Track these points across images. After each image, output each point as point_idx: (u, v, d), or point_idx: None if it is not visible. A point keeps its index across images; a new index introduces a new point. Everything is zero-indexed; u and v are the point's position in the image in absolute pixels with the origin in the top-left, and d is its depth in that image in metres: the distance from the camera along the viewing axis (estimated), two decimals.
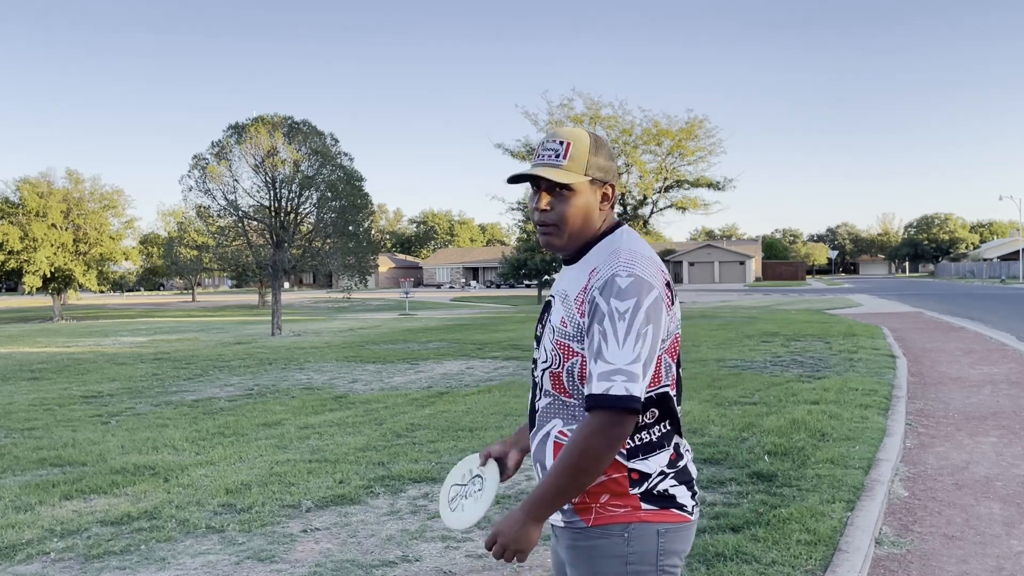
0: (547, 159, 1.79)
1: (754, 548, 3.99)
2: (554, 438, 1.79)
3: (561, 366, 1.77)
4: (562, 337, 1.76)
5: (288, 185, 22.15)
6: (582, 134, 1.81)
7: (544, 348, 1.81)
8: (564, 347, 1.75)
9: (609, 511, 1.74)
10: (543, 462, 1.82)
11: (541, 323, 1.88)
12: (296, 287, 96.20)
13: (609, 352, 1.65)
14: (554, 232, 1.80)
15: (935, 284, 59.90)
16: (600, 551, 1.73)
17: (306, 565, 3.97)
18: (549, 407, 1.81)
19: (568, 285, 1.80)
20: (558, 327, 1.77)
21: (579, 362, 1.74)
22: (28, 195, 34.69)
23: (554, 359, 1.78)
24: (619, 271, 1.70)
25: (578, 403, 1.76)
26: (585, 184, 1.78)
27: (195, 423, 7.94)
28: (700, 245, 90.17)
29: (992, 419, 7.57)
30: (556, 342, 1.77)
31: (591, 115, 30.34)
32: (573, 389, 1.76)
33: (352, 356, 14.44)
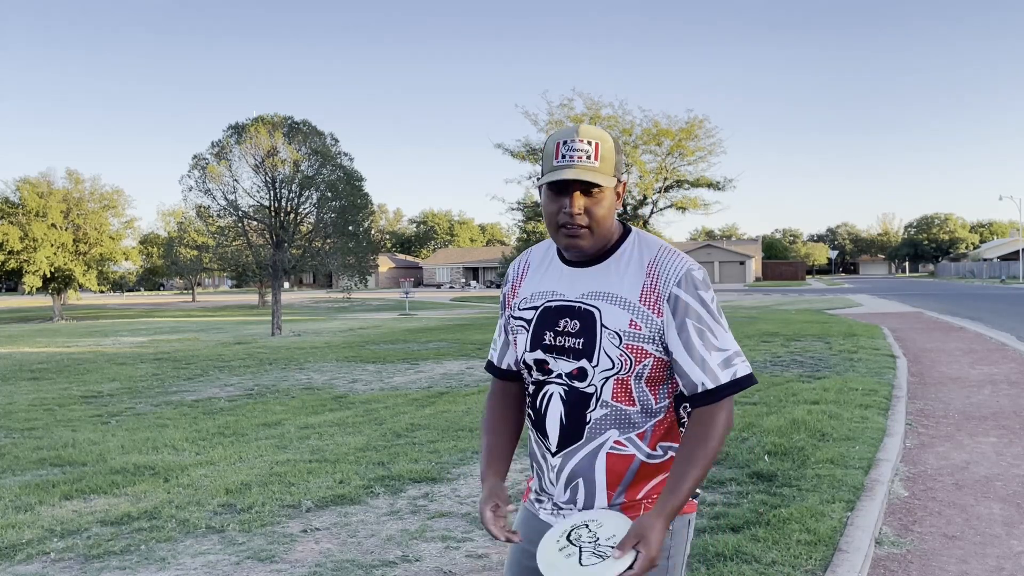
0: (579, 160, 1.71)
1: (754, 548, 3.99)
2: (608, 449, 1.76)
3: (631, 370, 1.73)
4: (634, 340, 1.72)
5: (288, 185, 22.16)
6: (606, 134, 1.76)
7: (606, 355, 1.73)
8: (637, 350, 1.72)
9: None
10: (589, 476, 1.77)
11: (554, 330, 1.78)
12: (296, 287, 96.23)
13: (718, 340, 1.72)
14: (585, 235, 1.74)
15: (935, 284, 59.91)
16: None
17: (306, 565, 3.97)
18: (605, 419, 1.75)
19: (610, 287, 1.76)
20: (628, 331, 1.72)
21: (651, 363, 1.74)
22: (28, 195, 34.69)
23: (623, 364, 1.72)
24: (691, 265, 1.74)
25: (638, 410, 1.75)
26: (613, 185, 1.75)
27: (195, 423, 7.94)
28: (700, 245, 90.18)
29: (992, 419, 7.57)
30: (627, 347, 1.72)
31: (591, 115, 30.35)
32: (639, 394, 1.75)
33: (352, 356, 14.45)
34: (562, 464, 1.80)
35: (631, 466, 1.76)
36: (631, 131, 30.74)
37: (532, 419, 1.87)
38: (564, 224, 1.73)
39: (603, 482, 1.77)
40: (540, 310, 1.83)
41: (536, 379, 1.84)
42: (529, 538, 1.87)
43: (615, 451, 1.75)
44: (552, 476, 1.82)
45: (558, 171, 1.70)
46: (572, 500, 1.80)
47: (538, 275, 1.88)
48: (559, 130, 1.76)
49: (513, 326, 1.90)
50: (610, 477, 1.76)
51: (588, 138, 1.72)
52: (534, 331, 1.82)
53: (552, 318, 1.80)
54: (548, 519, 1.85)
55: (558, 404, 1.80)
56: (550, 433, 1.81)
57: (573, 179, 1.69)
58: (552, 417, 1.80)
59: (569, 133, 1.73)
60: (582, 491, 1.78)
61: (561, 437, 1.79)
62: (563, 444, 1.79)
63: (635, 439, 1.76)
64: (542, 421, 1.83)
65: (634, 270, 1.76)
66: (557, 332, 1.78)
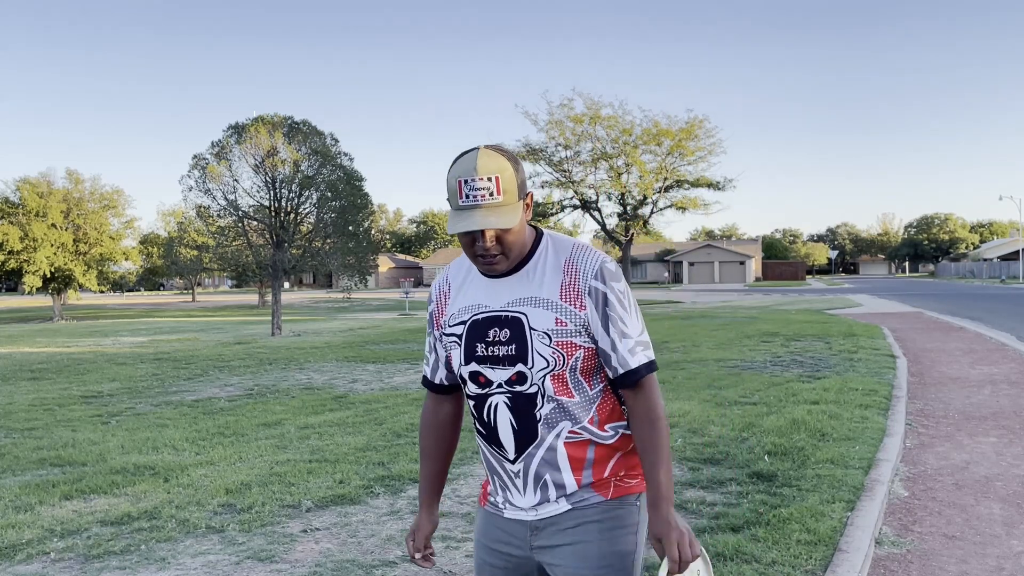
0: (483, 199, 1.72)
1: (754, 548, 4.00)
2: (564, 439, 1.81)
3: (565, 365, 1.79)
4: (562, 336, 1.78)
5: (288, 185, 22.14)
6: (502, 161, 1.75)
7: (540, 355, 1.79)
8: (567, 345, 1.78)
9: (626, 483, 1.85)
10: (555, 468, 1.82)
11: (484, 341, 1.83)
12: (296, 287, 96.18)
13: (630, 328, 1.81)
14: (501, 260, 1.79)
15: (935, 284, 59.90)
16: (619, 521, 1.83)
17: (306, 565, 3.97)
18: (553, 413, 1.81)
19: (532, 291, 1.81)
20: (555, 329, 1.78)
21: (582, 355, 1.80)
22: (28, 195, 34.67)
23: (557, 360, 1.79)
24: (603, 259, 1.84)
25: (579, 400, 1.82)
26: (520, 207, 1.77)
27: (195, 423, 7.94)
28: (700, 245, 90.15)
29: (992, 419, 7.57)
30: (557, 343, 1.78)
31: (591, 115, 30.33)
32: (575, 385, 1.81)
33: (352, 356, 14.45)
34: (524, 468, 1.84)
35: (589, 448, 1.82)
36: (631, 131, 30.72)
37: (482, 433, 1.89)
38: (480, 255, 1.78)
39: (568, 468, 1.82)
40: (468, 324, 1.86)
41: (475, 393, 1.87)
42: (495, 537, 1.93)
43: (571, 439, 1.81)
44: (518, 483, 1.85)
45: (465, 216, 1.73)
46: (545, 499, 1.84)
47: (462, 290, 1.92)
48: (459, 161, 1.75)
49: (446, 343, 1.93)
50: (573, 463, 1.82)
51: (487, 174, 1.72)
52: (466, 344, 1.86)
53: (482, 329, 1.84)
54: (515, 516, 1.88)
55: (505, 412, 1.83)
56: (505, 442, 1.84)
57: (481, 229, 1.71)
58: (503, 426, 1.83)
59: (468, 171, 1.72)
60: (551, 487, 1.83)
61: (517, 443, 1.83)
62: (520, 449, 1.83)
63: (587, 426, 1.82)
64: (494, 433, 1.85)
65: (552, 271, 1.82)
66: (488, 343, 1.83)
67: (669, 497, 1.76)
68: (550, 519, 1.84)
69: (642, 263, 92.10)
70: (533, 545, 1.87)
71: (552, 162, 31.01)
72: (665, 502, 1.75)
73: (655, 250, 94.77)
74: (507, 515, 1.90)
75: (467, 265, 1.95)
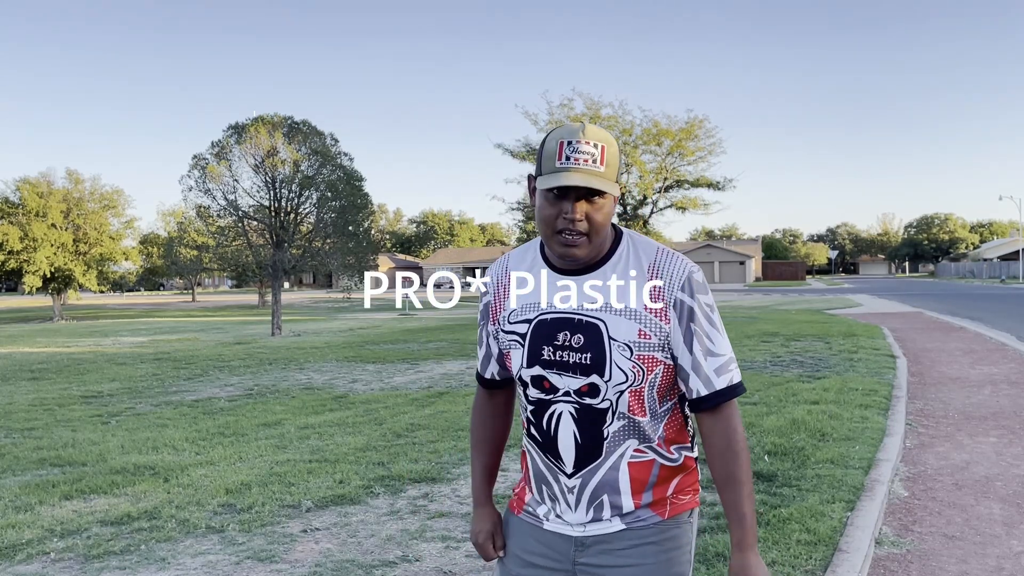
0: (584, 164, 1.59)
1: None
2: (629, 458, 1.71)
3: (644, 381, 1.67)
4: (645, 350, 1.66)
5: (288, 185, 22.14)
6: (611, 137, 1.64)
7: (619, 368, 1.65)
8: (648, 360, 1.66)
9: (680, 499, 1.77)
10: (614, 488, 1.72)
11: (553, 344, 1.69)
12: (296, 287, 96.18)
13: (716, 345, 1.69)
14: (583, 243, 1.64)
15: (935, 284, 59.90)
16: (676, 542, 1.75)
17: (306, 565, 3.97)
18: (622, 430, 1.69)
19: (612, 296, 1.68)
20: (638, 341, 1.65)
21: (662, 371, 1.69)
22: (28, 195, 34.66)
23: (636, 376, 1.66)
24: (691, 268, 1.68)
25: (649, 419, 1.71)
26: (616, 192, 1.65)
27: (195, 423, 7.94)
28: (700, 245, 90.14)
29: (992, 419, 7.57)
30: (639, 357, 1.65)
31: (591, 115, 30.36)
32: (651, 404, 1.71)
33: (352, 356, 14.44)
34: (581, 484, 1.72)
35: (652, 470, 1.73)
36: (631, 131, 30.73)
37: (538, 441, 1.76)
38: (563, 230, 1.63)
39: (628, 490, 1.72)
40: (534, 323, 1.72)
41: (536, 397, 1.74)
42: (531, 549, 1.81)
43: (636, 459, 1.71)
44: (570, 498, 1.74)
45: (562, 174, 1.59)
46: (597, 518, 1.72)
47: (525, 284, 1.76)
48: (562, 127, 1.64)
49: (504, 341, 1.78)
50: (634, 485, 1.72)
51: (594, 140, 1.60)
52: (530, 346, 1.72)
53: (549, 332, 1.69)
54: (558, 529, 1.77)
55: (569, 423, 1.70)
56: (564, 455, 1.72)
57: (582, 186, 1.58)
58: (564, 438, 1.71)
59: (574, 132, 1.61)
60: (608, 507, 1.72)
61: (578, 458, 1.71)
62: (581, 464, 1.71)
63: (654, 446, 1.73)
64: (552, 443, 1.73)
65: (634, 276, 1.68)
66: (557, 347, 1.69)
67: (753, 539, 1.67)
68: (599, 537, 1.72)
69: None
70: (577, 561, 1.74)
71: None
72: (752, 545, 1.66)
73: None
74: (548, 527, 1.78)
75: (530, 257, 1.80)
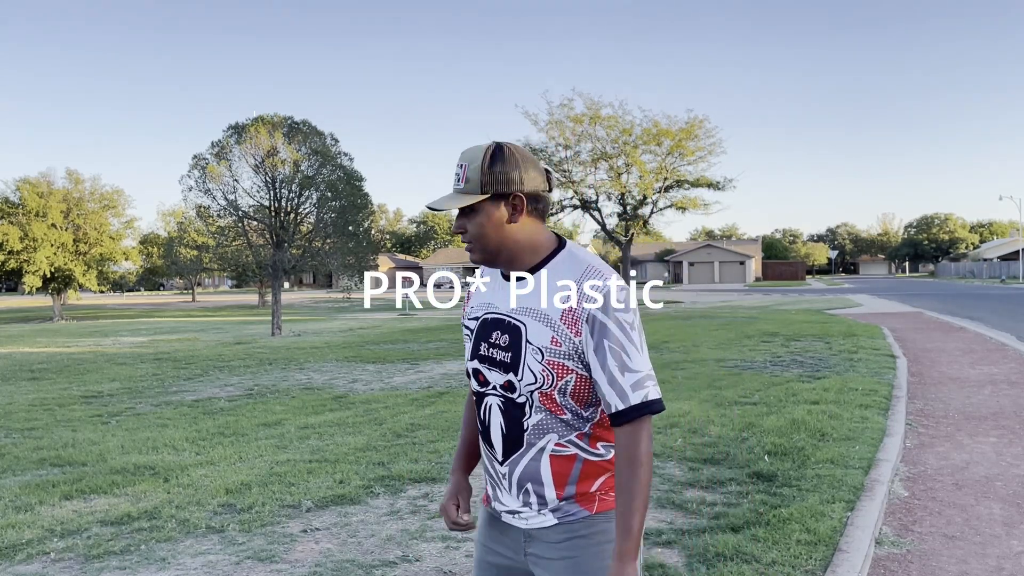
0: (454, 185, 1.84)
1: (754, 548, 4.00)
2: (550, 452, 1.81)
3: (554, 386, 1.77)
4: (555, 357, 1.76)
5: (288, 185, 22.14)
6: (477, 152, 1.81)
7: (530, 370, 1.78)
8: (558, 366, 1.76)
9: (610, 496, 1.83)
10: (536, 479, 1.83)
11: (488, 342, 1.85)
12: (296, 287, 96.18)
13: (633, 362, 1.73)
14: (473, 248, 1.85)
15: (935, 284, 59.91)
16: (606, 535, 1.81)
17: (306, 565, 3.97)
18: (541, 424, 1.80)
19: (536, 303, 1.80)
20: (549, 347, 1.76)
21: (573, 379, 1.78)
22: (28, 195, 34.66)
23: (546, 379, 1.77)
24: (611, 285, 1.76)
25: (570, 417, 1.80)
26: (485, 201, 1.80)
27: (195, 423, 7.94)
28: (700, 245, 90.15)
29: (992, 419, 7.57)
30: (548, 363, 1.76)
31: (591, 115, 30.30)
32: (565, 405, 1.80)
33: (352, 356, 14.45)
34: (510, 472, 1.86)
35: (575, 465, 1.81)
36: (631, 131, 30.69)
37: (480, 430, 1.93)
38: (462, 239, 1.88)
39: (550, 482, 1.82)
40: (480, 321, 1.90)
41: (476, 390, 1.91)
42: (493, 538, 1.95)
43: (557, 453, 1.81)
44: (504, 484, 1.88)
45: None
46: (527, 504, 1.85)
47: (485, 287, 1.95)
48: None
49: (463, 334, 1.99)
50: (556, 479, 1.81)
51: (461, 160, 1.83)
52: (474, 341, 1.90)
53: (488, 330, 1.86)
54: (511, 522, 1.90)
55: (498, 415, 1.85)
56: (495, 443, 1.87)
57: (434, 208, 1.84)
58: (495, 428, 1.86)
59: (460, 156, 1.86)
60: (533, 495, 1.84)
61: (504, 447, 1.85)
62: (507, 453, 1.85)
63: (575, 440, 1.81)
64: (487, 432, 1.89)
65: (559, 287, 1.79)
66: (490, 344, 1.85)
67: (635, 551, 1.70)
68: (540, 531, 1.85)
69: (642, 263, 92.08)
70: (527, 551, 1.88)
71: (552, 162, 31.00)
72: (631, 556, 1.70)
73: (655, 250, 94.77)
74: (504, 519, 1.92)
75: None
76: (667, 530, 4.33)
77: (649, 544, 4.15)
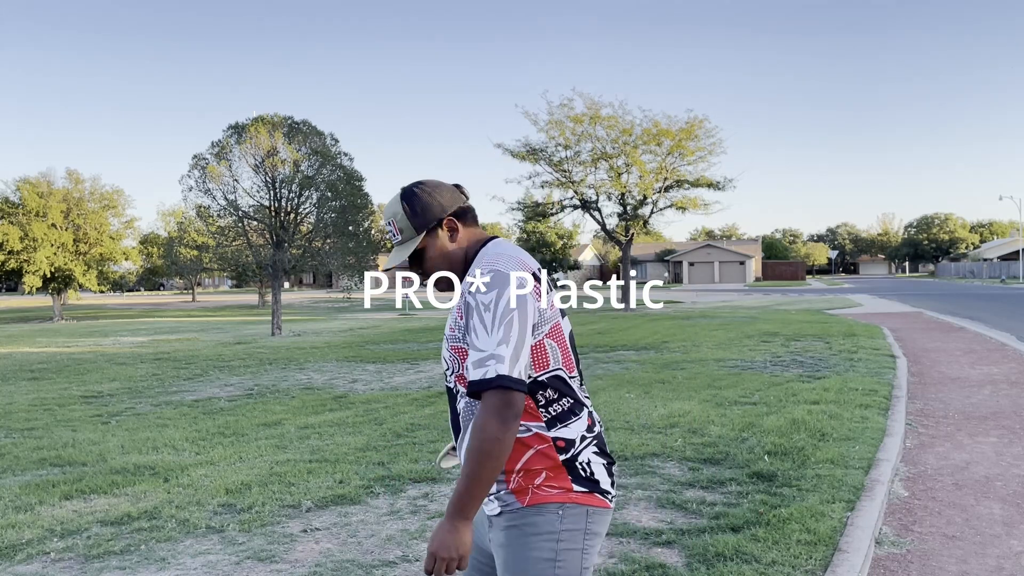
0: (393, 241, 2.08)
1: (754, 548, 4.00)
2: None
3: (461, 367, 1.95)
4: (455, 342, 1.95)
5: (288, 185, 22.13)
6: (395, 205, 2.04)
7: (444, 358, 2.00)
8: (458, 350, 1.94)
9: (544, 491, 1.89)
10: None
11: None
12: (296, 287, 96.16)
13: (479, 341, 1.82)
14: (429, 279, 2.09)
15: (935, 284, 59.90)
16: (535, 527, 1.88)
17: (306, 565, 3.97)
18: (468, 406, 1.94)
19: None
20: (450, 335, 1.96)
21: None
22: (28, 195, 34.64)
23: (453, 363, 1.97)
24: (484, 268, 1.89)
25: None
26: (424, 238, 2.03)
27: (195, 423, 7.94)
28: (700, 245, 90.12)
29: (992, 419, 7.57)
30: (452, 348, 1.95)
31: (591, 115, 30.25)
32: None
33: (352, 356, 14.45)
34: (460, 456, 2.00)
35: None
36: (631, 131, 30.61)
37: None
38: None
39: None
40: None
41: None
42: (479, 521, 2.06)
43: None
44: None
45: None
46: None
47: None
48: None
49: None
50: None
51: (386, 219, 2.07)
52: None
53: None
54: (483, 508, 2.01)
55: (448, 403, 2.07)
56: (452, 428, 2.06)
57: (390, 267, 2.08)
58: (451, 416, 2.05)
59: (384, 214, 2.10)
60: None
61: (454, 432, 2.04)
62: (456, 436, 2.03)
63: None
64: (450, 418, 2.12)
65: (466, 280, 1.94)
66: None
67: (453, 512, 1.80)
68: (493, 518, 1.96)
69: (642, 263, 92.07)
70: (489, 537, 2.00)
71: (552, 162, 30.94)
72: (448, 515, 1.80)
73: (655, 250, 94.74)
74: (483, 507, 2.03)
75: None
76: (667, 530, 4.33)
77: (649, 544, 4.15)
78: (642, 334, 17.61)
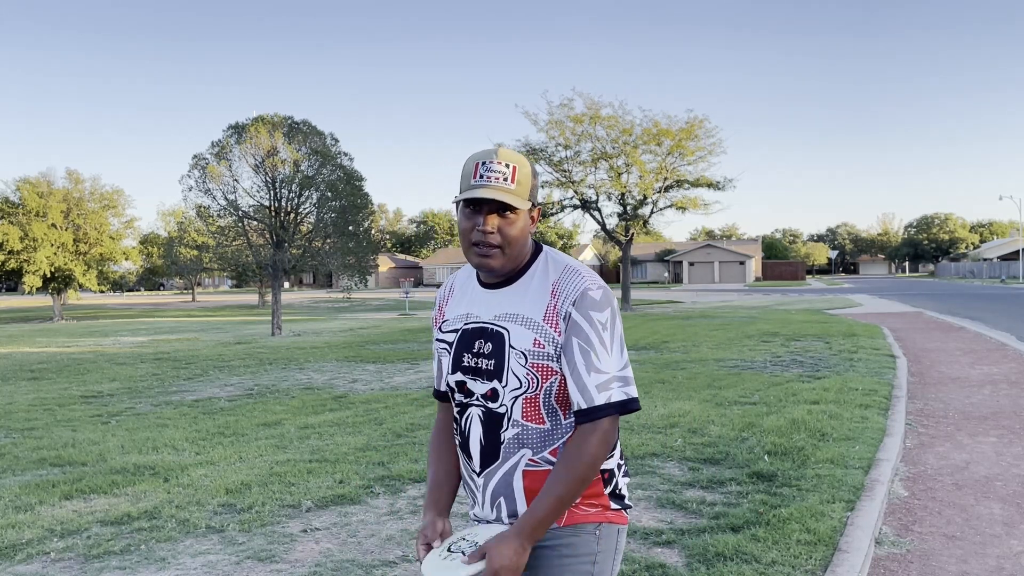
0: (496, 181, 1.76)
1: (754, 548, 4.00)
2: (523, 467, 1.80)
3: (539, 388, 1.77)
4: (539, 359, 1.76)
5: (288, 185, 22.14)
6: (524, 159, 1.81)
7: (514, 375, 1.78)
8: (543, 368, 1.77)
9: (582, 511, 1.81)
10: (509, 495, 1.82)
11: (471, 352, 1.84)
12: (296, 287, 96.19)
13: (601, 362, 1.73)
14: (496, 254, 1.79)
15: (935, 284, 59.90)
16: (573, 549, 1.80)
17: (306, 565, 3.97)
18: (516, 438, 1.80)
19: (518, 308, 1.80)
20: (533, 350, 1.76)
21: (557, 381, 1.78)
22: (28, 195, 34.65)
23: (531, 383, 1.77)
24: (589, 284, 1.77)
25: (549, 427, 1.79)
26: (527, 208, 1.81)
27: (195, 423, 7.94)
28: (700, 245, 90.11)
29: (992, 419, 7.57)
30: (532, 365, 1.76)
31: (591, 115, 30.24)
32: (548, 412, 1.79)
33: (352, 356, 14.45)
34: (485, 484, 1.85)
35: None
36: (631, 131, 30.61)
37: (458, 441, 1.91)
38: (477, 242, 1.78)
39: (523, 499, 1.81)
40: (460, 332, 1.89)
41: (459, 401, 1.89)
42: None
43: (531, 468, 1.80)
44: (479, 496, 1.87)
45: (475, 190, 1.75)
46: (499, 518, 1.84)
47: (460, 298, 1.93)
48: (478, 151, 1.80)
49: (437, 348, 1.96)
50: (528, 495, 1.80)
51: (506, 161, 1.77)
52: (455, 353, 1.88)
53: (469, 340, 1.86)
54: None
55: (478, 426, 1.84)
56: (473, 454, 1.86)
57: (489, 198, 1.75)
58: (474, 439, 1.85)
59: (488, 154, 1.78)
60: (504, 509, 1.83)
61: (482, 458, 1.84)
62: (484, 464, 1.84)
63: (548, 456, 1.80)
64: (466, 442, 1.87)
65: (540, 289, 1.80)
66: (473, 354, 1.84)
67: (528, 533, 1.69)
68: None
69: (642, 263, 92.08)
70: None
71: (552, 162, 30.93)
72: (523, 534, 1.69)
73: (655, 250, 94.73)
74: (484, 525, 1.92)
75: (470, 274, 1.96)
76: (667, 530, 4.33)
77: (649, 544, 4.15)
78: (642, 334, 17.61)
